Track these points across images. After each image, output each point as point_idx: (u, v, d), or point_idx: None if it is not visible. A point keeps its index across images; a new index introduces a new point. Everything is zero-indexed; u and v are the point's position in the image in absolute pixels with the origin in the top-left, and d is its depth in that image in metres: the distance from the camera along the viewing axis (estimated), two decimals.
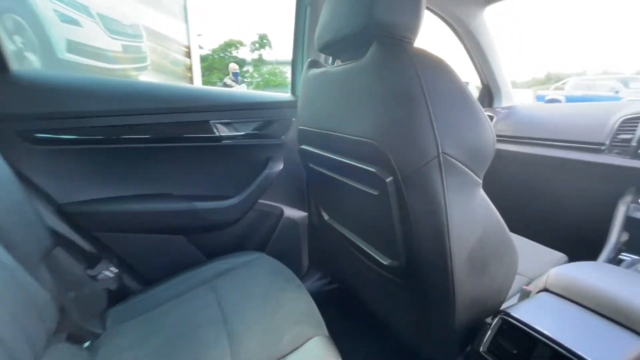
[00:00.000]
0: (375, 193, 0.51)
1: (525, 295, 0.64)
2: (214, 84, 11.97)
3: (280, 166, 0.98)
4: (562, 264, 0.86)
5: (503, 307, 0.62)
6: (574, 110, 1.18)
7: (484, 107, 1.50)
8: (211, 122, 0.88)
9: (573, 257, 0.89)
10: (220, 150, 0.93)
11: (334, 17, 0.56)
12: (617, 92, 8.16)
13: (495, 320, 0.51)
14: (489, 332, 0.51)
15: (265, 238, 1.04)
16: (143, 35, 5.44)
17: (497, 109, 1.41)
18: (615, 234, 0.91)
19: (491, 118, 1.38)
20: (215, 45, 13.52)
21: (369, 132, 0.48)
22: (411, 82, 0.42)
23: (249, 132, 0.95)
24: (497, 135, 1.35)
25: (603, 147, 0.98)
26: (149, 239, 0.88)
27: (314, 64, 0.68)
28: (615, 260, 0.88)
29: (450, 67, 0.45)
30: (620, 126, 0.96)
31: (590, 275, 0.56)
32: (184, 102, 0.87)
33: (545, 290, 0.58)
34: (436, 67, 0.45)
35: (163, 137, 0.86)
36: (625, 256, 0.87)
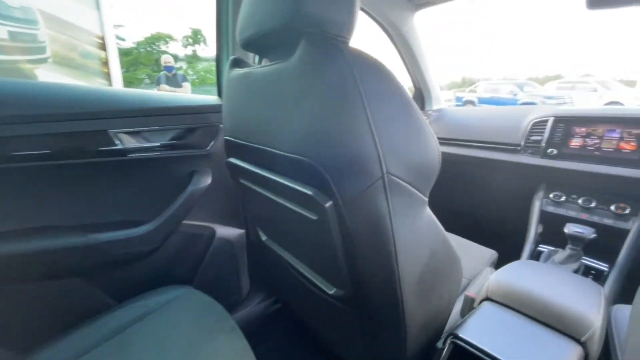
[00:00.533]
0: (314, 217, 0.43)
1: (469, 302, 0.64)
2: (141, 80, 10.77)
3: (207, 180, 0.85)
4: (494, 260, 0.91)
5: (450, 320, 0.61)
6: (495, 113, 1.28)
7: None
8: (110, 131, 0.70)
9: (502, 252, 0.95)
10: (127, 166, 0.75)
11: (256, 9, 0.47)
12: (515, 94, 9.75)
13: (447, 344, 0.48)
14: (441, 359, 0.48)
15: (194, 266, 0.89)
16: (39, 21, 4.53)
17: (428, 112, 1.47)
18: (534, 228, 1.00)
19: None
20: (141, 38, 12.14)
21: (303, 148, 0.40)
22: (347, 87, 0.36)
23: (165, 142, 0.80)
24: None
25: (519, 148, 1.08)
26: (28, 289, 0.66)
27: (238, 62, 0.58)
28: (535, 252, 0.96)
29: (391, 71, 0.40)
30: (531, 128, 1.07)
31: (524, 278, 0.58)
32: (72, 107, 0.67)
33: (488, 299, 0.58)
34: (375, 71, 0.39)
35: (43, 153, 0.65)
36: (543, 248, 0.96)
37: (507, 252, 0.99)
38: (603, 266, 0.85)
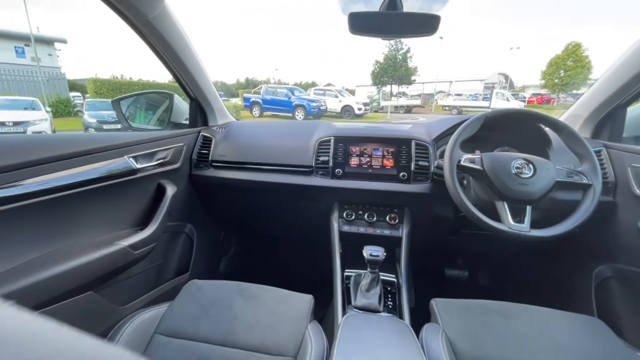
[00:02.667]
0: None
1: None
2: None
3: None
4: (312, 306, 0.79)
5: None
6: (284, 130, 1.19)
7: (198, 127, 1.23)
8: None
9: (316, 288, 0.86)
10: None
11: None
12: (289, 97, 11.58)
13: None
14: None
15: None
16: None
17: (213, 128, 1.19)
18: (337, 250, 0.98)
19: (210, 140, 1.14)
20: None
21: None
22: None
23: None
24: (219, 162, 1.10)
25: (311, 170, 1.03)
26: None
27: None
28: (344, 278, 0.93)
29: None
30: (318, 149, 1.04)
31: None
32: None
33: None
34: None
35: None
36: (349, 272, 0.94)
37: (322, 292, 0.91)
38: (392, 278, 0.94)
